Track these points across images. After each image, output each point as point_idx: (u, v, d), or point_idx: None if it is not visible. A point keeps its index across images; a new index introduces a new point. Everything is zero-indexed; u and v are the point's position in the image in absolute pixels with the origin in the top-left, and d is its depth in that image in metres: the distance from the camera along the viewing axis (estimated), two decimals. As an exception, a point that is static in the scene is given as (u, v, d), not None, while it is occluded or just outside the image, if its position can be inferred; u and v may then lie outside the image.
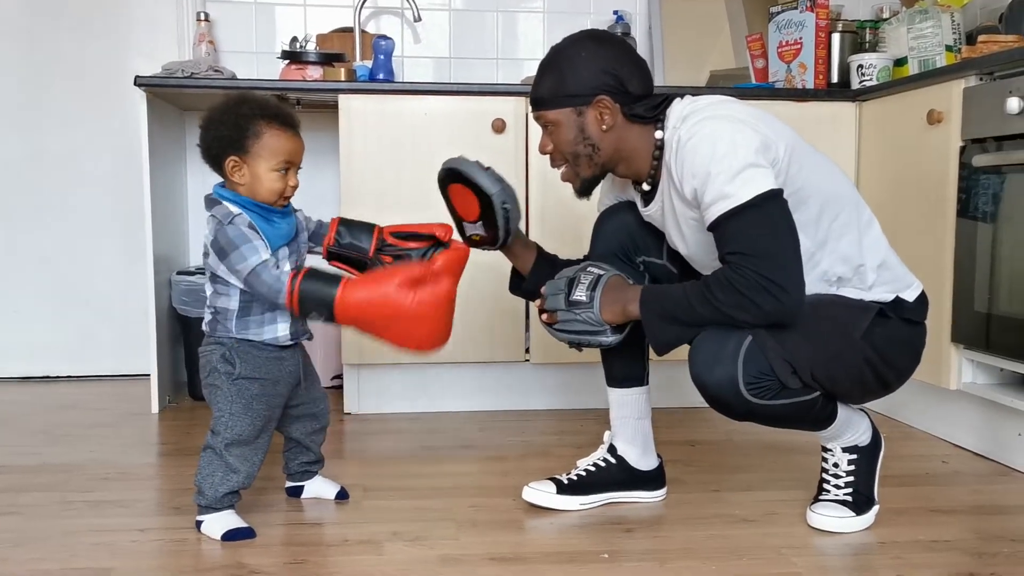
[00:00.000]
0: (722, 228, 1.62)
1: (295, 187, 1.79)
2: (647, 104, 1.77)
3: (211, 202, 1.78)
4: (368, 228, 1.92)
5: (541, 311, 1.81)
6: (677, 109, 1.74)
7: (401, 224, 1.93)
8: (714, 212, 1.63)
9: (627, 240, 1.94)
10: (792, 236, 1.62)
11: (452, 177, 1.87)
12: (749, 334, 1.65)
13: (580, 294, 1.76)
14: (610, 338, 1.78)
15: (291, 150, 1.77)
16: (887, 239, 1.84)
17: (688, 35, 3.46)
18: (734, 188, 1.59)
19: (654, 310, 1.70)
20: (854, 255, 1.75)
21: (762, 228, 1.60)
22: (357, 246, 1.91)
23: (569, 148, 1.78)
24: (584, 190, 1.85)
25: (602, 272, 1.79)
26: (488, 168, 1.86)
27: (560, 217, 2.79)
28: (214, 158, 1.78)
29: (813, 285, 1.75)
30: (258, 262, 1.70)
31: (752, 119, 1.67)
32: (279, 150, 1.75)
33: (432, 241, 1.89)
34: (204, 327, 1.84)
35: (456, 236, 1.92)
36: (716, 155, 1.61)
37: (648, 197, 1.85)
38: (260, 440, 1.82)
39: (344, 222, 1.93)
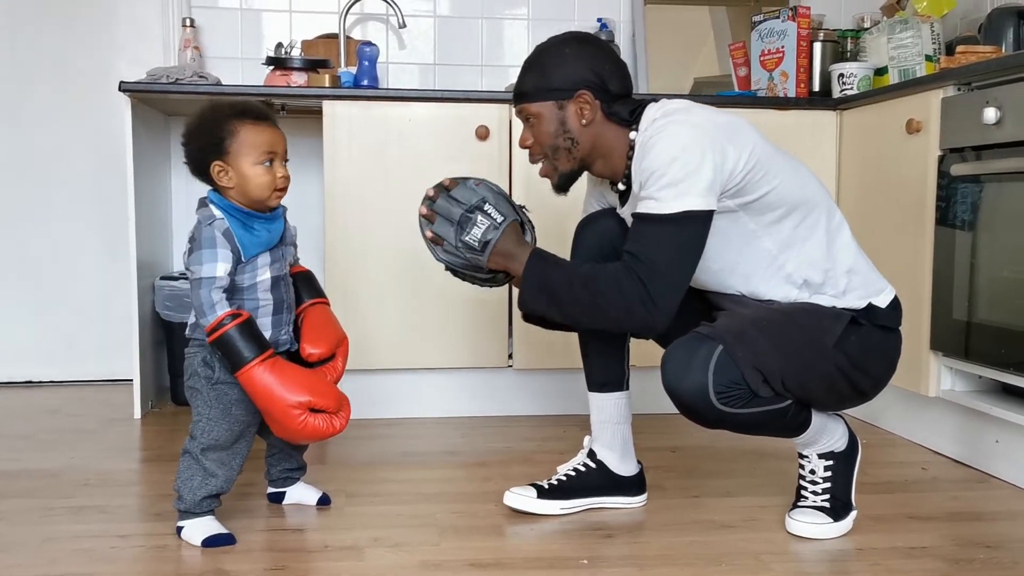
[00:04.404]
0: (638, 225, 1.70)
1: (285, 177, 1.79)
2: (626, 105, 1.81)
3: (200, 203, 1.80)
4: (312, 295, 1.94)
5: (426, 215, 1.82)
6: (650, 113, 1.77)
7: (322, 327, 1.92)
8: (641, 208, 1.70)
9: (607, 245, 1.95)
10: (693, 261, 1.70)
11: None
12: (720, 343, 1.67)
13: (474, 238, 1.78)
14: (492, 284, 1.86)
15: (270, 140, 1.77)
16: (861, 245, 1.86)
17: (672, 43, 3.48)
18: (666, 195, 1.66)
19: (535, 277, 1.76)
20: (821, 259, 1.78)
21: (670, 244, 1.66)
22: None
23: (549, 141, 1.82)
24: (561, 185, 1.88)
25: (500, 218, 1.80)
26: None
27: (543, 223, 2.80)
28: (200, 168, 1.79)
29: (779, 286, 1.79)
30: (207, 275, 1.71)
31: (718, 130, 1.69)
32: (257, 143, 1.76)
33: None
34: (187, 331, 1.84)
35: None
36: (667, 158, 1.66)
37: (624, 197, 1.88)
38: (238, 445, 1.82)
39: (302, 277, 1.94)
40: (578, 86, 1.78)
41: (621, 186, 1.87)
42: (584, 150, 1.82)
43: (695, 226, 1.67)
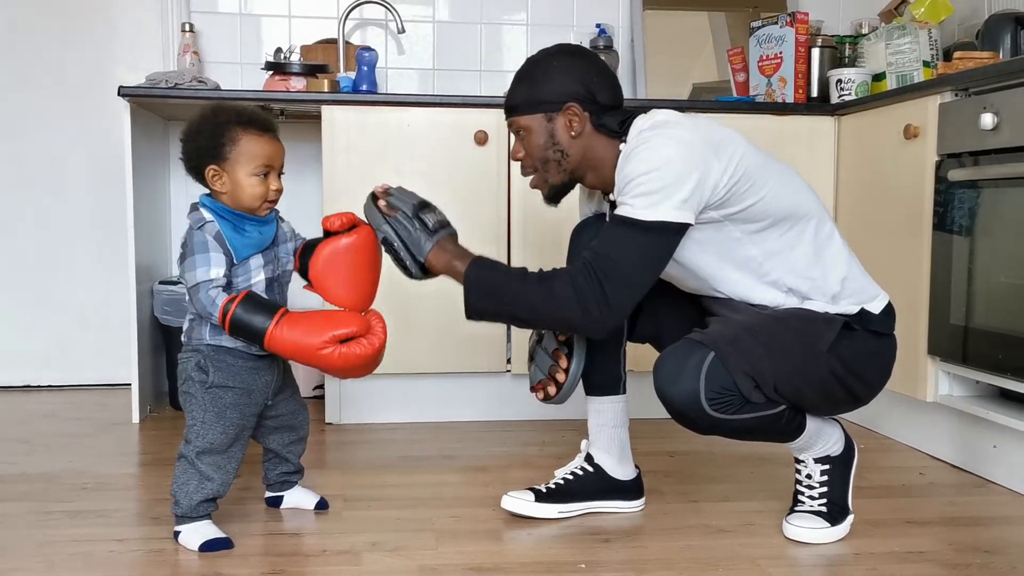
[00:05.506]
0: (610, 225, 1.71)
1: (278, 191, 1.80)
2: (615, 117, 1.81)
3: (192, 208, 1.80)
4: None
5: (382, 194, 1.83)
6: (638, 124, 1.78)
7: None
8: (617, 210, 1.71)
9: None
10: (655, 271, 1.71)
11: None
12: (712, 349, 1.67)
13: (431, 219, 1.79)
14: (415, 272, 1.81)
15: (269, 154, 1.78)
16: (859, 250, 1.86)
17: (671, 48, 3.49)
18: (640, 203, 1.67)
19: (479, 278, 1.75)
20: (807, 267, 1.78)
21: (636, 249, 1.67)
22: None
23: (539, 153, 1.83)
24: (552, 196, 1.89)
25: (449, 224, 1.83)
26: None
27: (541, 228, 2.81)
28: (195, 169, 1.79)
29: (766, 291, 1.80)
30: (202, 279, 1.71)
31: (704, 144, 1.69)
32: (256, 154, 1.76)
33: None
34: (182, 336, 1.84)
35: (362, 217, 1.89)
36: (646, 167, 1.67)
37: (615, 207, 1.88)
38: (233, 449, 1.82)
39: (307, 245, 1.92)
40: (566, 98, 1.79)
41: (612, 197, 1.87)
42: (574, 162, 1.83)
43: (664, 237, 1.68)
